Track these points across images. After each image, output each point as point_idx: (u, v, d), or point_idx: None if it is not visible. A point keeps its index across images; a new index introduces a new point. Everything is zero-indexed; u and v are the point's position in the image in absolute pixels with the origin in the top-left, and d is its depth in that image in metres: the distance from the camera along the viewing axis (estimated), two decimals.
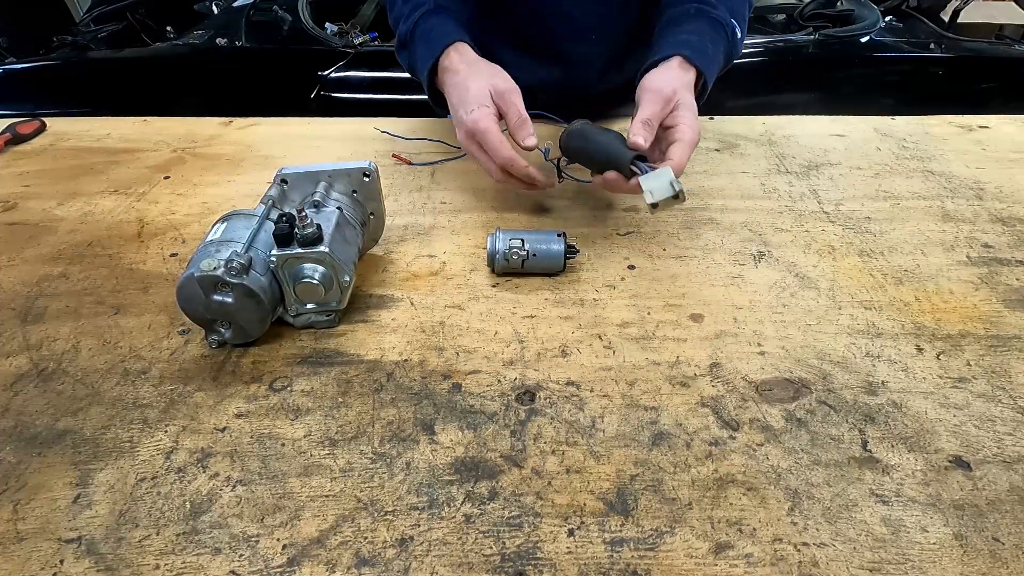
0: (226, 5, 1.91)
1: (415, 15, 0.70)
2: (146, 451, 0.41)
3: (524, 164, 0.60)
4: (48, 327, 0.51)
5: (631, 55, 0.79)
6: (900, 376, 0.46)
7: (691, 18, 0.67)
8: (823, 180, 0.72)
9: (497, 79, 0.62)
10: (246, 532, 0.36)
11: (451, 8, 0.72)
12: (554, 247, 0.55)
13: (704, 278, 0.56)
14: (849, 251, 0.60)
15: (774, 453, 0.40)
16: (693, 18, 0.67)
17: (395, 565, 0.34)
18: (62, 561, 0.35)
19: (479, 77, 0.63)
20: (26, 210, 0.68)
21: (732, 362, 0.47)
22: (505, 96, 0.60)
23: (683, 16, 0.67)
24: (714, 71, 0.65)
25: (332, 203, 0.52)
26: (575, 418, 0.43)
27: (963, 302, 0.53)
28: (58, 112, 0.95)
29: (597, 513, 0.37)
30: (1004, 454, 0.40)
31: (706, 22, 0.66)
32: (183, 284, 0.45)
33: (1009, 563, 0.34)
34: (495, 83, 0.61)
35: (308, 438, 0.42)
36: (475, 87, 0.62)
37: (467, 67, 0.64)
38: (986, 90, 1.65)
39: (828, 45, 1.61)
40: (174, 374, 0.47)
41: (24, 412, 0.44)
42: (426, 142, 0.80)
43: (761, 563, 0.34)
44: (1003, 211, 0.66)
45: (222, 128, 0.86)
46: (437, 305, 0.53)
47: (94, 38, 1.80)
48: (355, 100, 1.54)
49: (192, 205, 0.68)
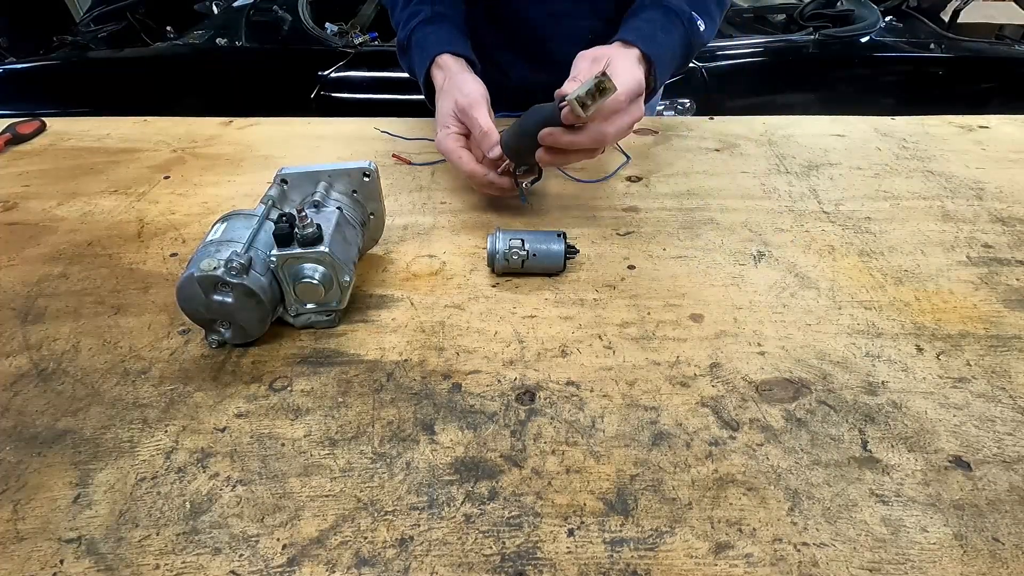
0: (226, 5, 1.91)
1: (412, 23, 0.72)
2: (146, 451, 0.41)
3: (483, 174, 0.62)
4: (48, 327, 0.51)
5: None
6: (900, 376, 0.46)
7: (644, 8, 0.67)
8: (823, 180, 0.72)
9: (460, 94, 0.63)
10: (246, 532, 0.36)
11: (447, 14, 0.73)
12: (554, 247, 0.55)
13: (704, 278, 0.56)
14: (849, 251, 0.60)
15: (774, 453, 0.40)
16: (647, 8, 0.67)
17: (395, 565, 0.34)
18: (62, 561, 0.35)
19: (447, 97, 0.65)
20: (26, 210, 0.68)
21: (732, 362, 0.47)
22: (467, 112, 0.62)
23: (638, 8, 0.68)
24: (665, 56, 0.63)
25: (332, 203, 0.52)
26: (575, 418, 0.43)
27: (963, 302, 0.53)
28: (58, 112, 0.95)
29: (597, 513, 0.37)
30: (1004, 454, 0.40)
31: (659, 12, 0.66)
32: (183, 284, 0.45)
33: (1009, 563, 0.34)
34: (458, 100, 0.63)
35: (308, 438, 0.42)
36: (443, 107, 0.65)
37: (442, 83, 0.67)
38: (986, 90, 1.66)
39: (828, 45, 1.61)
40: (174, 374, 0.47)
41: (24, 412, 0.44)
42: (426, 142, 0.80)
43: (761, 563, 0.34)
44: (1003, 211, 0.66)
45: (222, 128, 0.86)
46: (437, 305, 0.53)
47: (94, 38, 1.80)
48: (355, 100, 1.54)
49: (192, 205, 0.68)
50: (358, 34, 1.61)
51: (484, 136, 0.61)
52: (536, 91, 0.62)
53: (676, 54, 0.67)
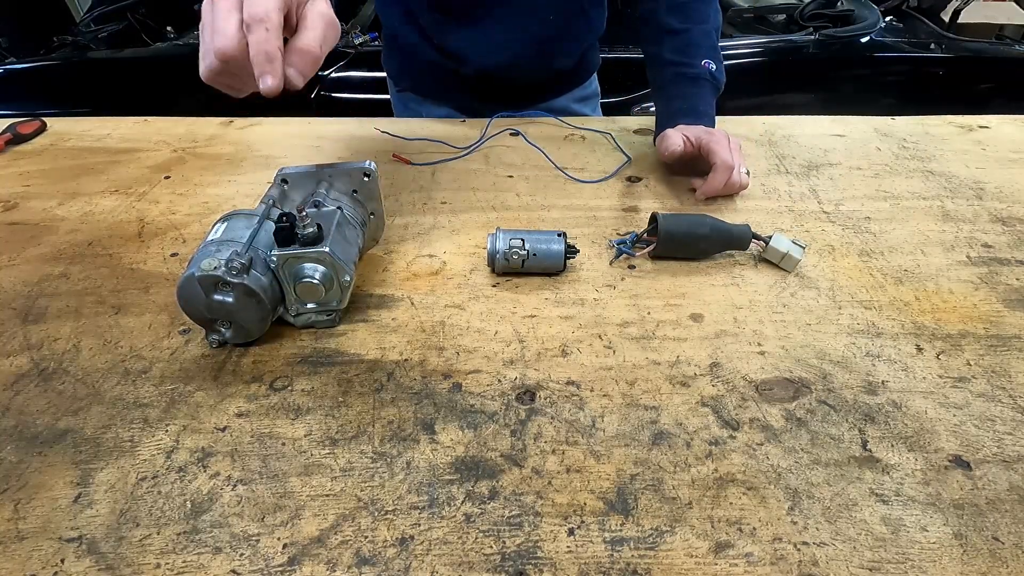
0: None
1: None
2: (147, 450, 0.41)
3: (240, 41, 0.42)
4: (49, 327, 0.51)
5: (561, 46, 0.87)
6: (900, 376, 0.46)
7: (672, 84, 0.75)
8: (823, 180, 0.72)
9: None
10: (247, 531, 0.36)
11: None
12: (554, 247, 0.55)
13: (704, 278, 0.56)
14: (849, 251, 0.60)
15: (774, 453, 0.40)
16: (674, 84, 0.75)
17: (395, 564, 0.35)
18: (63, 560, 0.35)
19: None
20: (27, 210, 0.68)
21: (732, 362, 0.47)
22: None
23: (667, 84, 0.76)
24: (711, 111, 0.74)
25: (332, 203, 0.52)
26: (575, 417, 0.43)
27: (963, 302, 0.53)
28: (58, 112, 0.95)
29: (597, 512, 0.37)
30: (1004, 454, 0.40)
31: (686, 83, 0.74)
32: (183, 284, 0.45)
33: (1009, 563, 0.34)
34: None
35: (308, 437, 0.42)
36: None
37: None
38: (986, 90, 1.66)
39: (828, 45, 1.61)
40: (175, 374, 0.47)
41: (25, 412, 0.44)
42: (426, 142, 0.80)
43: (761, 562, 0.34)
44: (1003, 211, 0.66)
45: (222, 128, 0.86)
46: (437, 305, 0.53)
47: (94, 38, 1.80)
48: (355, 100, 1.54)
49: (192, 205, 0.68)
50: (358, 34, 1.61)
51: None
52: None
53: (712, 105, 0.75)
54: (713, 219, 0.58)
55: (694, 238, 0.57)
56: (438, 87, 0.93)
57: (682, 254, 0.58)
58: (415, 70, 0.93)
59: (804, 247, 0.57)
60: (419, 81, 0.94)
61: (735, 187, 0.67)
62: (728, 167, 0.65)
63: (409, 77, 0.95)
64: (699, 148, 0.68)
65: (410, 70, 0.94)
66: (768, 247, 0.57)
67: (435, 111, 0.94)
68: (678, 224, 0.57)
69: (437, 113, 0.94)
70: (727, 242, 0.58)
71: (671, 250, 0.58)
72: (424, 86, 0.94)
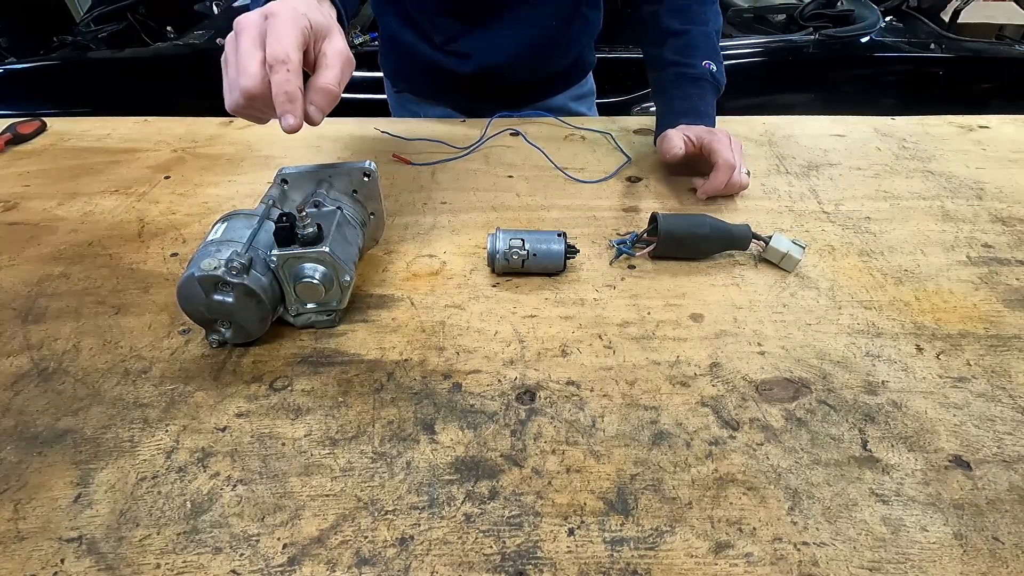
0: (226, 5, 1.91)
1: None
2: (147, 450, 0.41)
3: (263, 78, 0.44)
4: (49, 327, 0.51)
5: (560, 47, 0.88)
6: (900, 376, 0.46)
7: (673, 85, 0.75)
8: (823, 180, 0.72)
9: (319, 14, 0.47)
10: (247, 531, 0.36)
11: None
12: (554, 247, 0.55)
13: (704, 278, 0.56)
14: (849, 251, 0.60)
15: (774, 453, 0.40)
16: (675, 84, 0.75)
17: (395, 564, 0.35)
18: (63, 560, 0.35)
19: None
20: (27, 210, 0.68)
21: (732, 362, 0.47)
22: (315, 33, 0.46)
23: (668, 85, 0.76)
24: (712, 112, 0.74)
25: (332, 203, 0.52)
26: (575, 418, 0.43)
27: (963, 302, 0.53)
28: (58, 112, 0.95)
29: (597, 512, 0.37)
30: (1004, 454, 0.40)
31: (687, 83, 0.74)
32: (183, 284, 0.45)
33: (1009, 563, 0.34)
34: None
35: (308, 437, 0.42)
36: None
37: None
38: (986, 90, 1.66)
39: (828, 45, 1.61)
40: (175, 374, 0.47)
41: (25, 412, 0.44)
42: (426, 142, 0.80)
43: (761, 562, 0.34)
44: (1003, 211, 0.66)
45: (222, 128, 0.86)
46: (437, 305, 0.53)
47: (94, 38, 1.80)
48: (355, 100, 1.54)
49: (192, 205, 0.68)
50: (358, 34, 1.61)
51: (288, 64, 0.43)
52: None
53: (713, 105, 0.75)
54: (713, 219, 0.58)
55: (694, 238, 0.57)
56: (435, 87, 0.93)
57: (682, 254, 0.58)
58: (412, 71, 0.93)
59: (804, 247, 0.57)
60: (416, 82, 0.95)
61: (736, 187, 0.67)
62: (730, 166, 0.65)
63: (406, 78, 0.96)
64: (701, 147, 0.68)
65: (407, 71, 0.94)
66: (768, 247, 0.57)
67: (432, 111, 0.95)
68: (678, 224, 0.57)
69: (434, 113, 0.94)
70: (727, 242, 0.58)
71: (671, 250, 0.58)
72: (421, 86, 0.95)
